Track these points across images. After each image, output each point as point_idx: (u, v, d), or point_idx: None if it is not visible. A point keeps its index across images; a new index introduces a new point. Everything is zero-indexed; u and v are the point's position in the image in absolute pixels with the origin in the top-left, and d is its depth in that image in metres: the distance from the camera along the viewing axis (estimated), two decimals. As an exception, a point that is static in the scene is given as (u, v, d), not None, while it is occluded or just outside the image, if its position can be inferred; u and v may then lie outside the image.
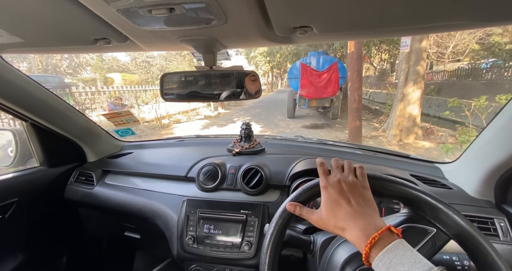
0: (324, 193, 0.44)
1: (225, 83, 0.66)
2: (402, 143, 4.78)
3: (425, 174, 0.90)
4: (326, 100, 7.26)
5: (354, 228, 0.38)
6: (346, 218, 0.40)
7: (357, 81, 4.10)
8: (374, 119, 7.70)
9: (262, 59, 21.57)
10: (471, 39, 11.50)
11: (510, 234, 0.67)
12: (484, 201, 0.75)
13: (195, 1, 0.38)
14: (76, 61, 21.47)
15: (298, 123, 7.57)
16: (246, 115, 9.49)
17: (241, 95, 0.66)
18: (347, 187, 0.43)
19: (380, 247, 0.34)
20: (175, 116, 9.15)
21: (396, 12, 0.40)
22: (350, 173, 0.45)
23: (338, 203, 0.41)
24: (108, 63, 25.64)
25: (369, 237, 0.35)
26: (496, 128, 0.69)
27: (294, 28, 0.48)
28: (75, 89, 9.21)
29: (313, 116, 9.01)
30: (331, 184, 0.43)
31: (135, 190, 1.00)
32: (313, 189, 0.47)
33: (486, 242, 0.40)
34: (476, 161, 0.77)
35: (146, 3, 0.38)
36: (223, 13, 0.42)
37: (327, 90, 6.90)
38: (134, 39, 0.56)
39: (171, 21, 0.45)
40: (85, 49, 0.64)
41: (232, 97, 0.66)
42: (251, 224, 0.81)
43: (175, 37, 0.55)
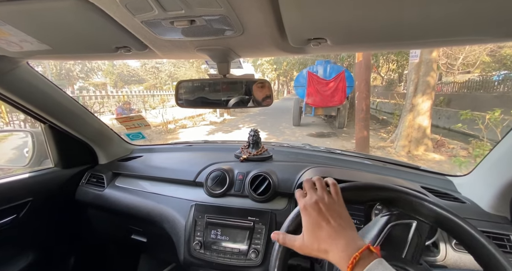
0: (304, 216, 0.44)
1: (238, 91, 0.68)
2: (411, 155, 4.66)
3: (437, 187, 0.88)
4: (332, 109, 7.21)
5: (336, 249, 0.38)
6: (328, 239, 0.40)
7: (365, 91, 4.06)
8: (381, 130, 7.57)
9: (269, 67, 21.78)
10: (481, 51, 11.38)
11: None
12: (499, 216, 0.73)
13: (215, 14, 0.39)
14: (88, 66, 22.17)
15: (304, 132, 7.51)
16: (251, 122, 9.49)
17: (255, 102, 0.68)
18: (325, 207, 0.43)
19: (361, 266, 0.35)
20: (181, 122, 9.23)
21: (409, 26, 0.41)
22: (324, 191, 0.46)
23: (318, 225, 0.41)
24: (118, 69, 26.38)
25: (351, 257, 0.35)
26: (511, 142, 0.69)
27: (309, 39, 0.49)
28: (85, 93, 9.46)
29: (318, 124, 8.94)
30: (310, 206, 0.44)
31: (144, 193, 1.01)
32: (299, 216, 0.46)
33: (459, 219, 0.42)
34: (491, 175, 0.76)
35: (169, 15, 0.39)
36: (241, 24, 0.43)
37: (334, 99, 6.85)
38: (153, 48, 0.57)
39: (190, 31, 0.47)
40: (106, 57, 0.66)
41: (244, 104, 0.68)
42: (259, 231, 0.80)
43: (193, 47, 0.56)
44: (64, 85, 17.70)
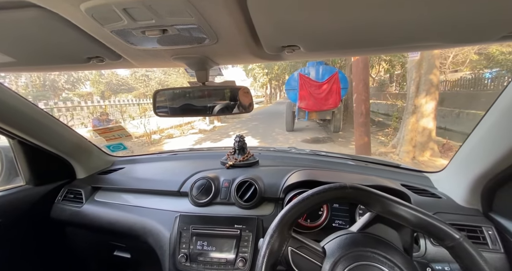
0: None
1: (217, 98, 0.67)
2: (416, 161, 4.17)
3: (415, 184, 0.90)
4: (327, 112, 6.73)
5: None
6: None
7: (363, 93, 3.58)
8: (379, 132, 7.12)
9: (260, 71, 21.50)
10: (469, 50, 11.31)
11: (499, 242, 0.67)
12: (472, 209, 0.75)
13: (187, 23, 0.39)
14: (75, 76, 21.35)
15: (298, 137, 7.03)
16: (242, 129, 8.95)
17: (233, 109, 0.67)
18: None
19: None
20: (168, 131, 8.60)
21: (376, 33, 0.43)
22: None
23: None
24: (107, 78, 25.62)
25: None
26: (478, 137, 0.69)
27: (283, 47, 0.50)
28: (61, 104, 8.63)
29: (313, 129, 8.47)
30: None
31: (126, 207, 0.96)
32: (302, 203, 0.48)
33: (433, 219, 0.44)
34: (462, 170, 0.78)
35: (139, 25, 0.39)
36: (215, 33, 0.43)
37: (328, 102, 6.38)
38: (127, 57, 0.57)
39: (164, 40, 0.46)
40: (78, 67, 0.65)
41: (224, 111, 0.68)
42: (245, 239, 0.78)
43: (168, 55, 0.56)
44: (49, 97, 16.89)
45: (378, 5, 0.33)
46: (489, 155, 0.64)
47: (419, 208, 0.46)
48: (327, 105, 6.39)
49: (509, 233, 0.65)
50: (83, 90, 22.11)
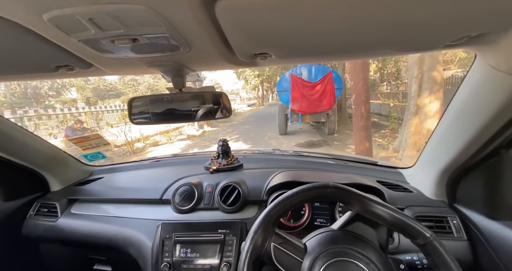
0: None
1: (195, 105, 0.66)
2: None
3: (390, 179, 0.93)
4: (321, 114, 6.30)
5: None
6: None
7: (363, 93, 3.15)
8: (375, 134, 6.74)
9: (251, 73, 21.11)
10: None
11: (462, 231, 0.71)
12: (439, 201, 0.79)
13: (157, 33, 0.38)
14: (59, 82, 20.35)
15: (292, 141, 6.58)
16: (233, 133, 8.44)
17: (211, 115, 0.67)
18: None
19: None
20: (153, 138, 8.00)
21: (339, 43, 0.46)
22: None
23: None
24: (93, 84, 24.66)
25: None
26: (440, 134, 0.73)
27: (255, 54, 0.51)
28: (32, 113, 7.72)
29: (307, 131, 8.06)
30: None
31: (106, 218, 0.92)
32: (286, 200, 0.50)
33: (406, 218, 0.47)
34: (428, 165, 0.81)
35: (108, 34, 0.38)
36: (187, 42, 0.43)
37: (322, 104, 5.96)
38: (99, 66, 0.55)
39: (136, 49, 0.45)
40: (46, 76, 0.64)
41: (202, 117, 0.67)
42: (230, 244, 0.77)
43: (142, 63, 0.55)
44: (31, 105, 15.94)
45: (339, 18, 0.36)
46: (449, 150, 0.69)
47: (394, 208, 0.49)
48: (321, 107, 5.98)
49: (470, 222, 0.71)
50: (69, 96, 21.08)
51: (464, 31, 0.40)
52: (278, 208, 0.49)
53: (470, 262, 0.69)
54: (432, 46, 0.47)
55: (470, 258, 0.69)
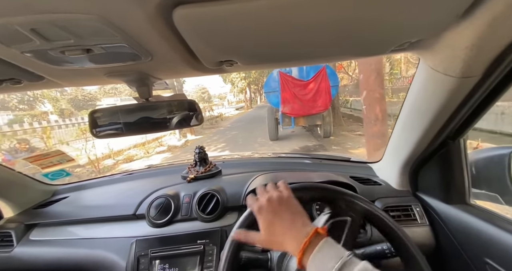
0: (259, 216, 0.46)
1: (163, 114, 0.63)
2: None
3: (361, 174, 0.96)
4: (317, 116, 5.47)
5: (290, 239, 0.41)
6: (282, 232, 0.42)
7: (377, 88, 2.32)
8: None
9: (237, 76, 20.31)
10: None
11: (425, 217, 0.76)
12: (404, 191, 0.84)
13: (113, 42, 0.35)
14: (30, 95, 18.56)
15: (285, 147, 5.77)
16: (219, 141, 7.50)
17: (181, 124, 0.64)
18: (275, 203, 0.45)
19: (311, 250, 0.38)
20: (128, 152, 6.92)
21: (301, 49, 0.47)
22: (274, 190, 0.49)
23: (271, 222, 0.44)
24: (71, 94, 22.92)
25: (302, 243, 0.38)
26: (399, 128, 0.76)
27: (221, 61, 0.50)
28: None
29: (300, 135, 7.26)
30: (262, 207, 0.46)
31: (72, 242, 0.84)
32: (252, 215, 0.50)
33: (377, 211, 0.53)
34: (393, 158, 0.85)
35: (56, 45, 0.34)
36: (147, 51, 0.40)
37: (317, 104, 5.14)
38: (51, 78, 0.51)
39: (91, 59, 0.41)
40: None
41: (177, 125, 0.64)
42: (210, 253, 0.74)
43: (101, 74, 0.52)
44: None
45: (296, 27, 0.37)
46: (407, 144, 0.73)
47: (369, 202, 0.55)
48: (316, 108, 5.16)
49: (430, 208, 0.76)
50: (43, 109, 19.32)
51: (404, 38, 0.45)
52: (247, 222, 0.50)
53: (433, 245, 0.73)
54: (381, 51, 0.52)
55: (432, 242, 0.74)
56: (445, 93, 0.54)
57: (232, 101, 38.35)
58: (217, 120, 14.23)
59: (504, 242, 0.54)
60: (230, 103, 36.01)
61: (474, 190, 0.70)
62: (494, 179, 0.66)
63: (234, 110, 24.00)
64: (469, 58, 0.44)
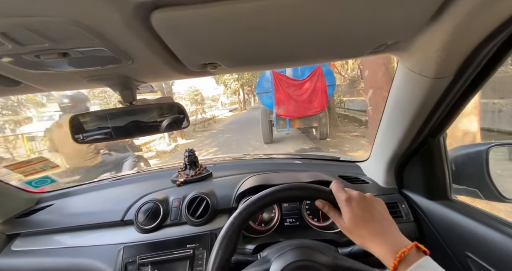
0: (348, 207, 0.44)
1: (148, 117, 0.63)
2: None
3: (350, 173, 0.99)
4: (313, 118, 5.20)
5: (379, 242, 0.40)
6: (371, 232, 0.42)
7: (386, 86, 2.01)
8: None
9: (230, 77, 19.98)
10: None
11: (410, 213, 0.78)
12: (390, 188, 0.87)
13: (91, 46, 0.35)
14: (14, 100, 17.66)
15: (279, 150, 5.61)
16: (211, 145, 7.16)
17: (169, 127, 0.64)
18: (369, 201, 0.45)
19: (407, 262, 0.36)
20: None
21: (285, 51, 0.48)
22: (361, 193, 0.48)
23: (362, 216, 0.43)
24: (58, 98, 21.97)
25: (397, 252, 0.37)
26: (384, 127, 0.78)
27: (204, 64, 0.50)
28: None
29: (295, 137, 7.02)
30: (352, 197, 0.45)
31: (57, 251, 0.82)
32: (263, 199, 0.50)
33: None
34: (379, 156, 0.87)
35: (30, 49, 0.33)
36: (127, 54, 0.40)
37: (313, 105, 4.87)
38: (29, 83, 0.50)
39: (70, 63, 0.41)
40: None
41: (160, 129, 0.64)
42: (200, 258, 0.73)
43: (81, 78, 0.51)
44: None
45: (276, 29, 0.37)
46: (391, 142, 0.75)
47: None
48: (312, 109, 4.88)
49: (415, 204, 0.78)
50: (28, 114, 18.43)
51: (380, 40, 0.46)
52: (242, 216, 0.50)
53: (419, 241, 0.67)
54: (359, 53, 0.54)
55: (418, 237, 0.75)
56: (422, 93, 0.56)
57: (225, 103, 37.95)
58: (210, 123, 13.85)
59: (483, 236, 0.55)
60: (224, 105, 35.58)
61: (456, 185, 0.72)
62: (473, 174, 0.69)
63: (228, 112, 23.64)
64: (441, 59, 0.47)
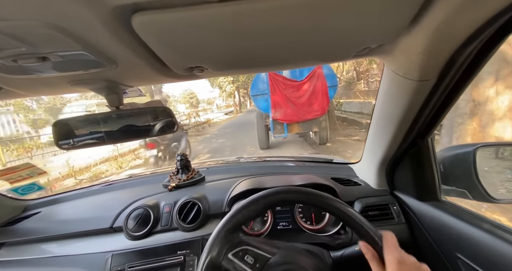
0: (396, 265, 0.42)
1: (136, 122, 0.61)
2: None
3: (343, 175, 0.98)
4: (313, 122, 4.76)
5: None
6: None
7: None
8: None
9: (225, 80, 19.52)
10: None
11: (401, 215, 0.78)
12: (382, 190, 0.87)
13: (70, 50, 0.34)
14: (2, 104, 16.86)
15: (277, 157, 4.88)
16: (204, 152, 6.70)
17: (156, 131, 0.63)
18: (420, 268, 0.43)
19: None
20: (97, 168, 5.87)
21: (269, 55, 0.48)
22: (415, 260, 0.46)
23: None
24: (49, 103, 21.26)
25: None
26: (373, 129, 0.79)
27: (191, 68, 0.50)
28: None
29: (293, 141, 6.63)
30: (407, 264, 0.42)
31: (42, 260, 0.80)
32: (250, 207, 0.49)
33: None
34: (370, 158, 0.87)
35: (6, 53, 0.33)
36: (110, 58, 0.39)
37: (313, 108, 4.44)
38: (9, 88, 0.49)
39: (51, 67, 0.40)
40: None
41: (143, 135, 0.63)
42: (190, 264, 0.72)
43: (63, 82, 0.50)
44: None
45: (261, 32, 0.36)
46: (381, 144, 0.76)
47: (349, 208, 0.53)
48: (312, 112, 4.45)
49: (406, 206, 0.78)
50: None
51: (363, 44, 0.46)
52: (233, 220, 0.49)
53: (410, 243, 0.75)
54: (344, 57, 0.55)
55: (409, 239, 0.75)
56: (408, 96, 0.57)
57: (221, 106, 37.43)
58: (204, 127, 13.32)
59: (472, 237, 0.55)
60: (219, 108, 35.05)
61: (445, 186, 0.72)
62: (461, 175, 0.69)
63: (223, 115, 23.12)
64: (423, 62, 0.47)
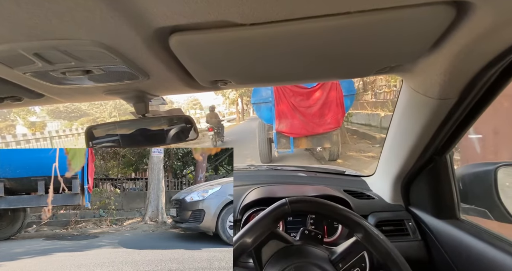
0: None
1: (159, 128, 0.66)
2: None
3: (355, 188, 0.99)
4: (325, 137, 4.04)
5: None
6: None
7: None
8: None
9: (229, 87, 19.10)
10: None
11: (417, 232, 0.78)
12: (397, 205, 0.87)
13: (112, 64, 0.38)
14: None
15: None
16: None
17: (177, 138, 0.66)
18: None
19: None
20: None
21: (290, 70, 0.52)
22: None
23: None
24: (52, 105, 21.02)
25: None
26: (389, 144, 0.81)
27: (215, 81, 0.54)
28: None
29: (299, 156, 5.96)
30: None
31: None
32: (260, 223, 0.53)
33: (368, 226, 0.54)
34: (385, 172, 0.89)
35: (57, 67, 0.37)
36: (145, 71, 0.44)
37: (325, 120, 3.76)
38: (51, 96, 0.55)
39: (91, 79, 0.45)
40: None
41: (168, 140, 0.67)
42: None
43: (99, 92, 0.55)
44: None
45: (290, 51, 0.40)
46: (397, 159, 0.77)
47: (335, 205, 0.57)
48: (324, 125, 3.77)
49: (422, 222, 0.78)
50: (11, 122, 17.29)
51: (384, 63, 0.51)
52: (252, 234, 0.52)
53: (426, 261, 0.74)
54: (366, 73, 0.58)
55: (425, 257, 0.74)
56: (427, 113, 0.59)
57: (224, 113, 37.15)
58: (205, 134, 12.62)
59: (494, 259, 0.54)
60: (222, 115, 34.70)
61: (464, 205, 0.72)
62: (482, 194, 0.69)
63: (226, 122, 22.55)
64: (444, 82, 0.49)
